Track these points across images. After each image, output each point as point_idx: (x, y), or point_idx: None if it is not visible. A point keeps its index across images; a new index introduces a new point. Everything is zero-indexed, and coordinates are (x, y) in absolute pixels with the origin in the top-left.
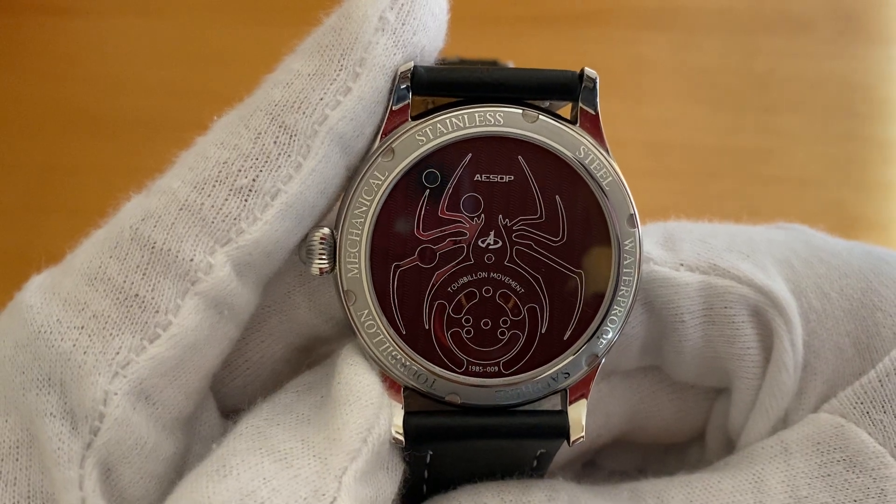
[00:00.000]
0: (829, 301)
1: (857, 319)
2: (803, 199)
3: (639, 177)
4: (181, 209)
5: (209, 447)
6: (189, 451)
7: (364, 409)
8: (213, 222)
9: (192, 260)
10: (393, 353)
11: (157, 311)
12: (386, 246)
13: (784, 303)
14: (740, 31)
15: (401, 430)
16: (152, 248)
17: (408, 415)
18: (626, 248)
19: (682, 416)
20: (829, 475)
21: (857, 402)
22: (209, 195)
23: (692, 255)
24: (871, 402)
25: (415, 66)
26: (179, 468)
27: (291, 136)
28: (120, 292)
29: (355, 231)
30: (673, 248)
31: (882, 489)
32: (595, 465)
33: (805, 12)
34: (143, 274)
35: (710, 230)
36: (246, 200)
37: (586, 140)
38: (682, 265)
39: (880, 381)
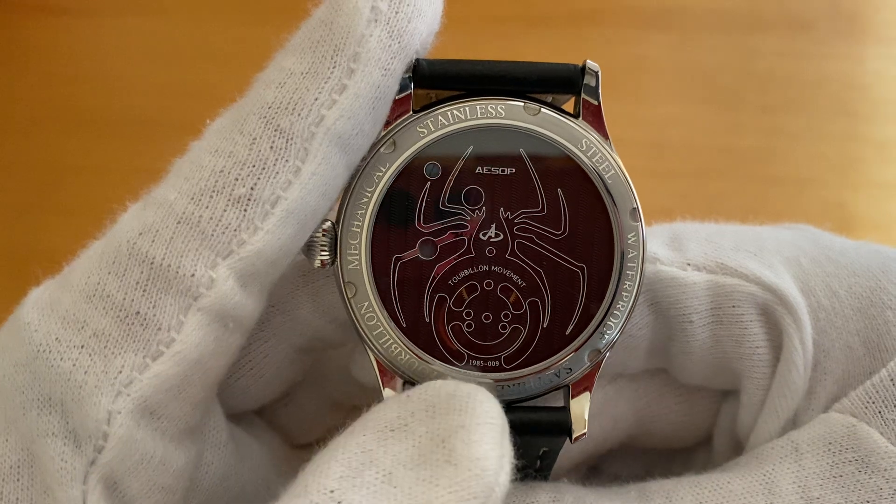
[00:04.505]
0: (838, 299)
1: (866, 318)
2: (803, 199)
3: (638, 177)
4: (179, 222)
5: (217, 452)
6: (200, 458)
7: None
8: (212, 235)
9: (193, 275)
10: (393, 346)
11: (160, 329)
12: (387, 238)
13: (793, 301)
14: (740, 31)
15: None
16: (151, 263)
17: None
18: (629, 241)
19: (690, 419)
20: (841, 476)
21: (868, 402)
22: (207, 206)
23: (699, 254)
24: (884, 401)
25: (416, 59)
26: (192, 476)
27: (288, 139)
28: (120, 310)
29: (356, 223)
30: (679, 248)
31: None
32: (600, 471)
33: (805, 12)
34: (144, 291)
35: (717, 230)
36: (245, 210)
37: (588, 133)
38: (689, 265)
39: (892, 379)
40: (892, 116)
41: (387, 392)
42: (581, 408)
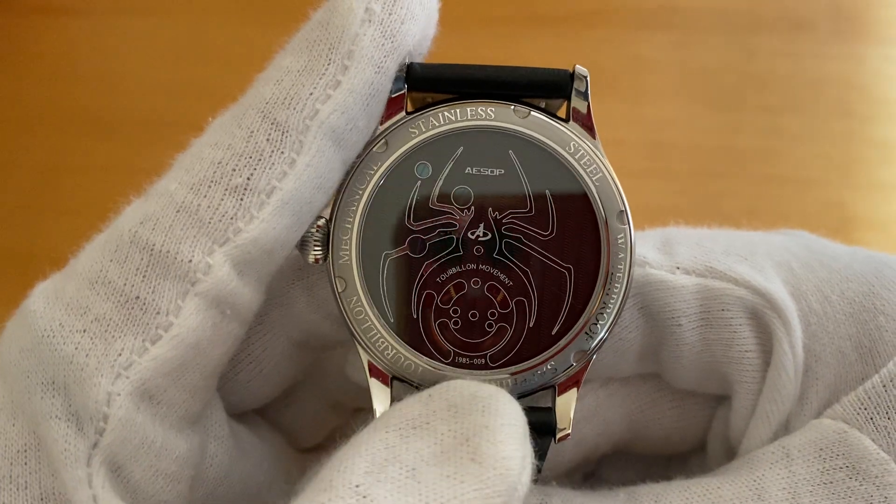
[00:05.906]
0: (830, 304)
1: (859, 323)
2: (803, 199)
3: (639, 177)
4: (178, 211)
5: (220, 445)
6: (204, 449)
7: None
8: (210, 223)
9: (190, 261)
10: (381, 342)
11: (158, 313)
12: (377, 235)
13: (782, 304)
14: (740, 31)
15: None
16: (151, 250)
17: (395, 404)
18: (618, 244)
19: (683, 424)
20: (831, 482)
21: (860, 408)
22: (205, 196)
23: (688, 258)
24: (875, 407)
25: (409, 63)
26: (197, 465)
27: (283, 132)
28: (121, 295)
29: (348, 219)
30: (669, 252)
31: (886, 497)
32: (596, 477)
33: (804, 12)
34: (143, 276)
35: (709, 235)
36: (241, 199)
37: (577, 136)
38: (678, 268)
39: (884, 385)
40: (892, 116)
41: (372, 382)
42: (566, 406)
